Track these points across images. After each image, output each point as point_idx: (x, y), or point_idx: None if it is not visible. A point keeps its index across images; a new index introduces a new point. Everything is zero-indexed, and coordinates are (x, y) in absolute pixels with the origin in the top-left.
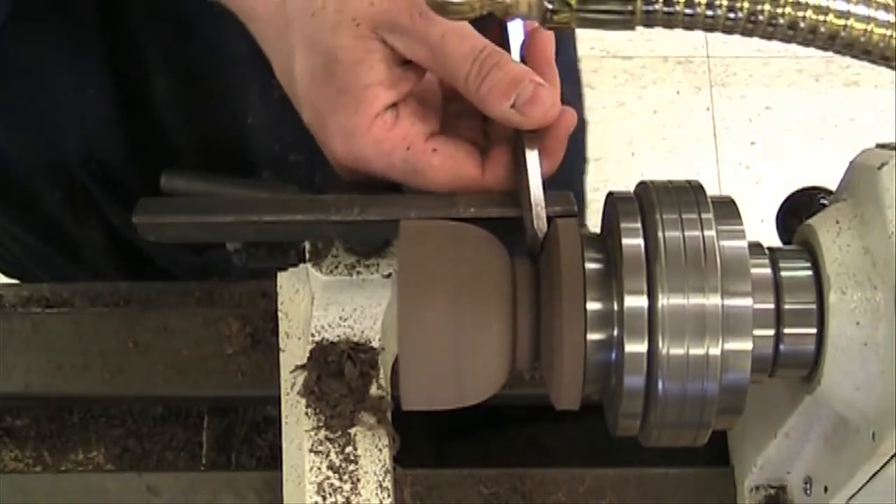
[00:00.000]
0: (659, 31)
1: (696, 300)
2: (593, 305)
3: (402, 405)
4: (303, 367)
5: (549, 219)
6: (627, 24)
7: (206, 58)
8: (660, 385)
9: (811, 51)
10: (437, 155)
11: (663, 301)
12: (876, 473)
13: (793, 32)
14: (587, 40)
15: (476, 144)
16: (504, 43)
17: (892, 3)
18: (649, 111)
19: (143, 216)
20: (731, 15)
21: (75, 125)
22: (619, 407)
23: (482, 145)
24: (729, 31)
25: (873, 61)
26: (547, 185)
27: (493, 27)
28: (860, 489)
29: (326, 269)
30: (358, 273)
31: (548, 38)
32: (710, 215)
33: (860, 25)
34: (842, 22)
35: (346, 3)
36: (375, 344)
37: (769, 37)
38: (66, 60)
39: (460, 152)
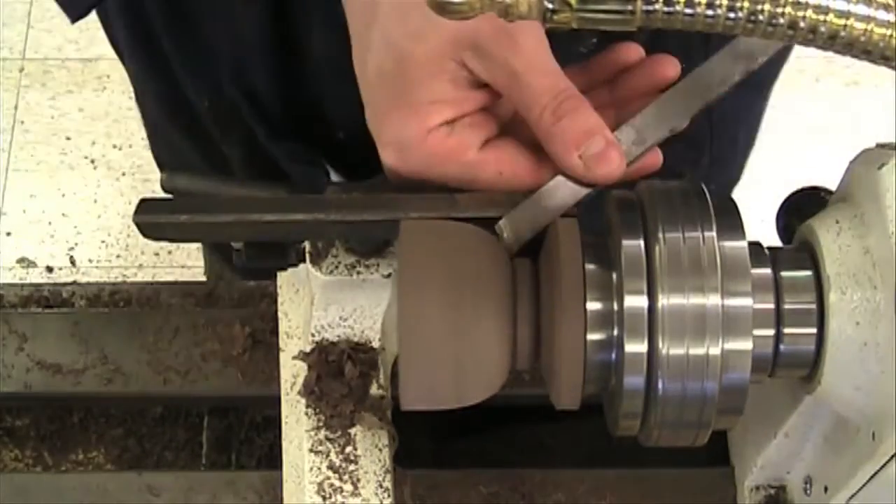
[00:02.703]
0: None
1: (696, 300)
2: (593, 305)
3: (401, 405)
4: (303, 359)
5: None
6: (627, 24)
7: None
8: (660, 385)
9: (811, 51)
10: (491, 164)
11: (663, 301)
12: (876, 473)
13: (793, 32)
14: None
15: (532, 144)
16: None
17: (892, 3)
18: None
19: (143, 216)
20: (731, 15)
21: (229, 42)
22: (619, 407)
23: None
24: (729, 31)
25: (873, 61)
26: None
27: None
28: (860, 489)
29: (326, 269)
30: (358, 273)
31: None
32: (710, 215)
33: (860, 25)
34: (842, 22)
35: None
36: (375, 344)
37: (769, 37)
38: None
39: (514, 158)
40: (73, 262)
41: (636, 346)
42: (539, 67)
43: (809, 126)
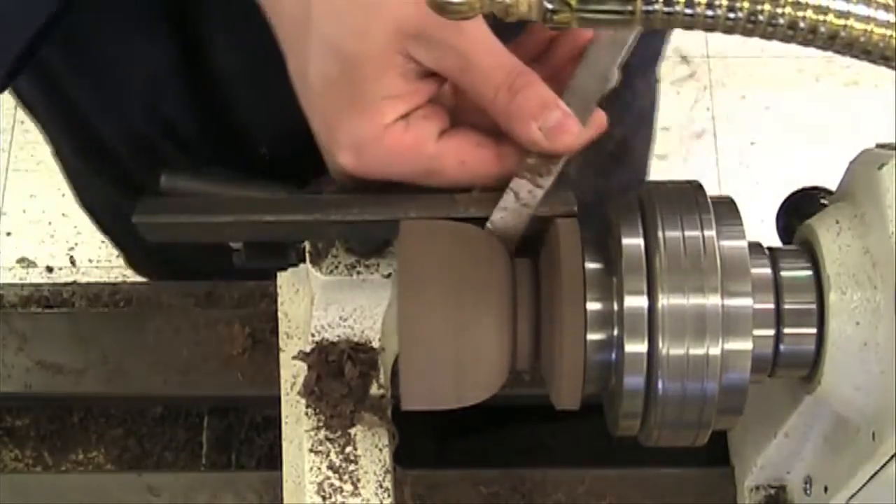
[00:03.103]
0: None
1: (696, 300)
2: (593, 305)
3: (402, 405)
4: (303, 359)
5: (550, 218)
6: (627, 24)
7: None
8: (660, 385)
9: (811, 51)
10: (450, 153)
11: (663, 301)
12: (876, 473)
13: (793, 32)
14: None
15: (489, 133)
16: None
17: (892, 3)
18: None
19: (143, 216)
20: (731, 15)
21: (137, 79)
22: (619, 407)
23: (496, 132)
24: (729, 31)
25: (873, 61)
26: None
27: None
28: (860, 489)
29: (326, 269)
30: (358, 273)
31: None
32: (710, 215)
33: (860, 25)
34: (842, 22)
35: (374, 10)
36: (375, 344)
37: (769, 37)
38: (133, 33)
39: (473, 146)
40: (73, 262)
41: (636, 346)
42: (486, 47)
43: (809, 126)
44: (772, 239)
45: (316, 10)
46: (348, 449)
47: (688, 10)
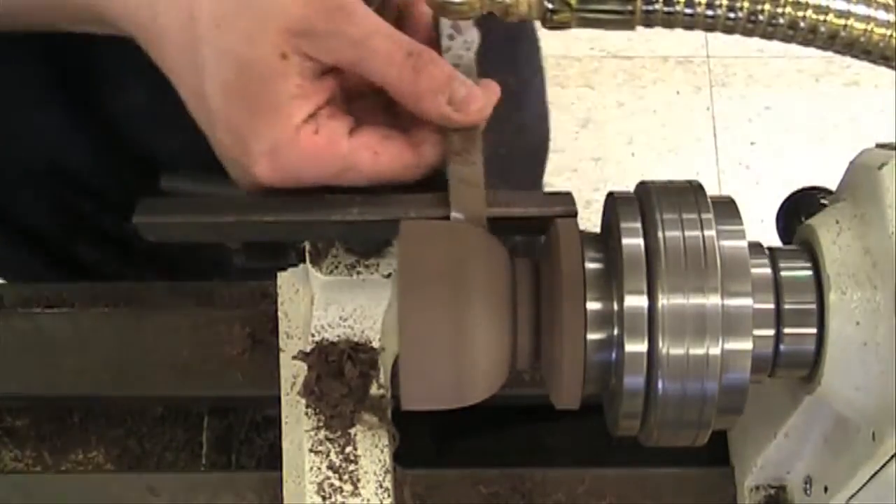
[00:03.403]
0: (659, 31)
1: (696, 300)
2: (593, 305)
3: (401, 405)
4: (303, 359)
5: (550, 218)
6: (627, 24)
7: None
8: (660, 385)
9: (811, 51)
10: (364, 148)
11: (663, 301)
12: (876, 473)
13: (793, 32)
14: (587, 40)
15: (396, 128)
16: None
17: (892, 3)
18: (649, 111)
19: (143, 216)
20: (731, 15)
21: (48, 150)
22: (619, 407)
23: (402, 127)
24: (729, 31)
25: (873, 61)
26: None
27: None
28: (860, 489)
29: (326, 269)
30: (358, 273)
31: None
32: (710, 215)
33: (860, 25)
34: (842, 22)
35: (260, 12)
36: (375, 344)
37: (769, 37)
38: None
39: (385, 140)
40: None
41: (636, 346)
42: (380, 31)
43: (809, 126)
44: (772, 239)
45: (202, 27)
46: (348, 449)
47: (688, 10)
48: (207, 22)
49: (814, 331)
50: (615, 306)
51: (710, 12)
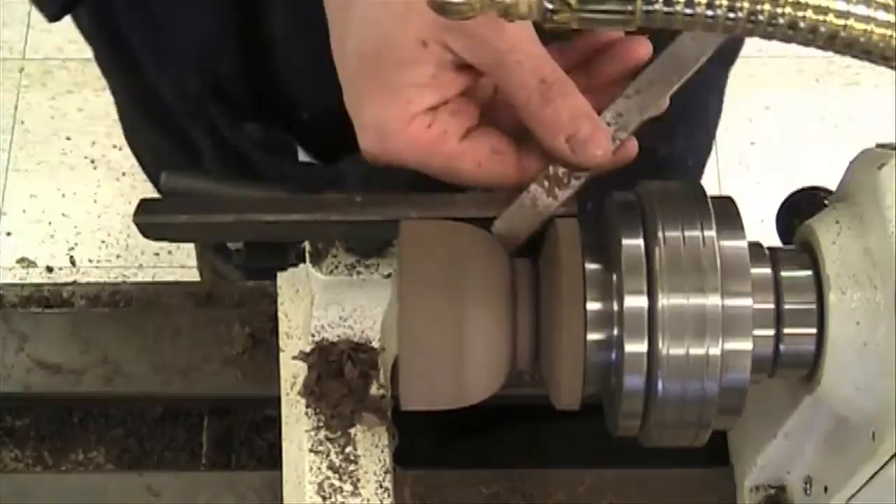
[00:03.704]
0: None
1: (695, 300)
2: (593, 305)
3: (401, 405)
4: (303, 359)
5: (549, 219)
6: (627, 24)
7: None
8: (660, 385)
9: (811, 51)
10: (471, 155)
11: (663, 301)
12: (876, 473)
13: (793, 32)
14: None
15: (513, 132)
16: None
17: (892, 3)
18: None
19: (143, 216)
20: (731, 15)
21: (193, 37)
22: (619, 407)
23: (519, 132)
24: (729, 31)
25: (873, 61)
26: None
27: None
28: (860, 489)
29: (326, 269)
30: (358, 273)
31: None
32: (710, 215)
33: (860, 25)
34: (842, 22)
35: None
36: (375, 344)
37: (769, 37)
38: None
39: (495, 148)
40: (73, 262)
41: (636, 346)
42: (525, 49)
43: (809, 126)
44: (772, 239)
45: None
46: (348, 449)
47: (688, 10)
48: None
49: (814, 331)
50: (615, 306)
51: (710, 12)
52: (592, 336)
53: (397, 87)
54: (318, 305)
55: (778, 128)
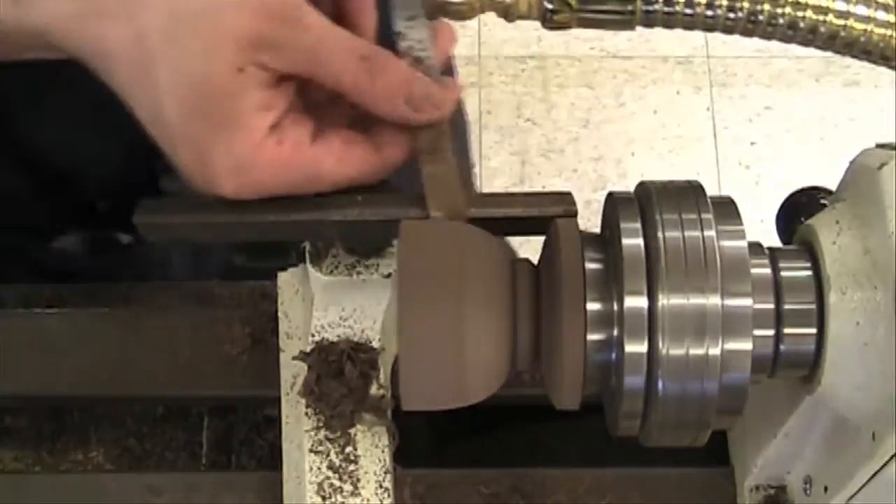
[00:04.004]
0: (659, 31)
1: (696, 300)
2: (593, 306)
3: (402, 405)
4: (303, 359)
5: (550, 218)
6: (627, 24)
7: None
8: (660, 385)
9: (811, 51)
10: (328, 154)
11: (663, 301)
12: (876, 473)
13: (793, 32)
14: (587, 40)
15: (356, 129)
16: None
17: (891, 3)
18: (649, 111)
19: (143, 216)
20: (731, 15)
21: None
22: (619, 407)
23: (365, 128)
24: (729, 31)
25: (873, 61)
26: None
27: None
28: (860, 489)
29: (326, 269)
30: (358, 273)
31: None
32: (710, 215)
33: (860, 25)
34: (842, 22)
35: (212, 27)
36: (375, 344)
37: (769, 37)
38: None
39: (348, 145)
40: None
41: (636, 346)
42: (331, 35)
43: (809, 126)
44: (772, 239)
45: (154, 46)
46: (348, 449)
47: (688, 10)
48: (158, 38)
49: (814, 331)
50: (615, 307)
51: (710, 12)
52: (592, 336)
53: (234, 119)
54: (318, 305)
55: (778, 128)
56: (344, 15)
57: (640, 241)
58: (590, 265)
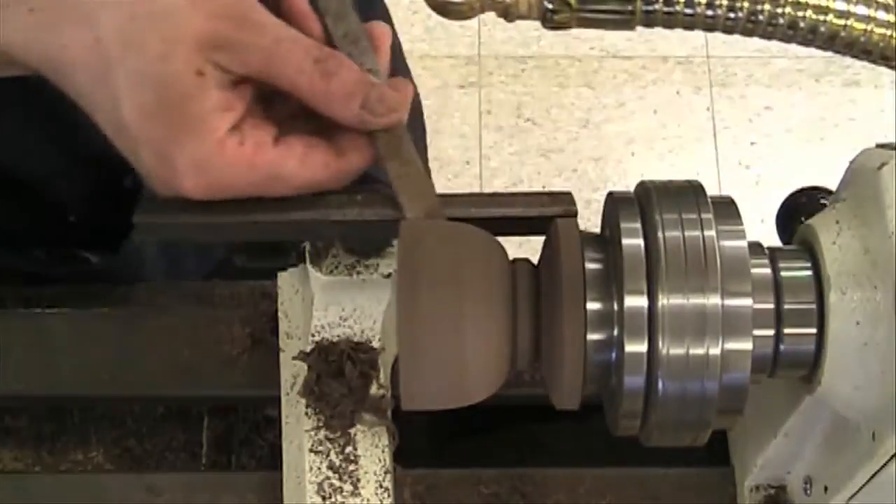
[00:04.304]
0: (659, 31)
1: (696, 300)
2: (593, 305)
3: (402, 405)
4: (303, 359)
5: (550, 218)
6: (627, 24)
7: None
8: (660, 385)
9: (811, 51)
10: (290, 156)
11: (663, 301)
12: (876, 473)
13: (793, 32)
14: (587, 40)
15: (319, 135)
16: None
17: (892, 3)
18: (649, 111)
19: (143, 216)
20: (731, 15)
21: None
22: (619, 407)
23: (327, 135)
24: (729, 31)
25: (873, 61)
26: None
27: None
28: (860, 489)
29: (326, 269)
30: (358, 273)
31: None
32: (710, 215)
33: (860, 25)
34: (842, 22)
35: (169, 30)
36: (375, 344)
37: (769, 37)
38: None
39: (310, 148)
40: None
41: (636, 346)
42: (287, 35)
43: (809, 126)
44: (772, 239)
45: (111, 49)
46: (348, 449)
47: (688, 10)
48: (115, 44)
49: (814, 331)
50: (615, 306)
51: (710, 12)
52: (592, 336)
53: (195, 120)
54: (318, 305)
55: (778, 128)
56: (289, 21)
57: (640, 241)
58: (590, 265)
